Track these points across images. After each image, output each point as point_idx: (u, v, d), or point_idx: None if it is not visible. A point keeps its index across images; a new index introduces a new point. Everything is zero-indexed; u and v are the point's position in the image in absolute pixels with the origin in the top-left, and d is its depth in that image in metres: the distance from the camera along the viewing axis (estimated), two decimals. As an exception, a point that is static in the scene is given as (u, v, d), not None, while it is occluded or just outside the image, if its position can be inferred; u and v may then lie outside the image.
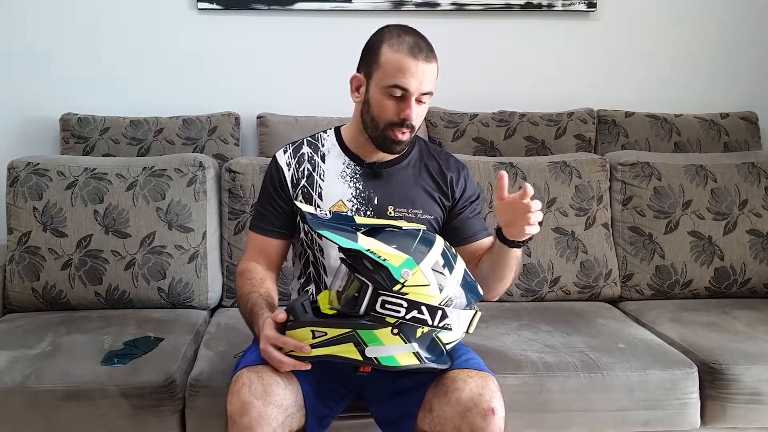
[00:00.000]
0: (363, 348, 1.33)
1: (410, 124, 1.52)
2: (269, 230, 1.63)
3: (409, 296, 1.31)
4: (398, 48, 1.49)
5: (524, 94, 2.66)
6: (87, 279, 2.12)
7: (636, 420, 1.79)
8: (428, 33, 1.57)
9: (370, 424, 1.60)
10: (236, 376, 1.39)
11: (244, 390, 1.35)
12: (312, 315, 1.38)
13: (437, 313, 1.32)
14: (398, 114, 1.50)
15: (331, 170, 1.62)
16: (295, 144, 1.67)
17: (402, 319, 1.31)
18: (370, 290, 1.31)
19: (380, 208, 1.59)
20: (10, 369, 1.71)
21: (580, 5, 2.65)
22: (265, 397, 1.34)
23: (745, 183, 2.34)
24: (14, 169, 2.19)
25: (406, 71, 1.48)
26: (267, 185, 1.66)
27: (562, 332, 1.98)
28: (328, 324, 1.34)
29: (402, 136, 1.53)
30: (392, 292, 1.30)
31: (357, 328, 1.32)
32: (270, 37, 2.61)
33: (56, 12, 2.54)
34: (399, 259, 1.31)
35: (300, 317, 1.36)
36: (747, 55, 2.76)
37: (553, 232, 2.27)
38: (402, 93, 1.49)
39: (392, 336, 1.32)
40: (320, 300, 1.44)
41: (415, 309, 1.31)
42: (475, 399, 1.36)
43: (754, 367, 1.80)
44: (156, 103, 2.55)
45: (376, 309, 1.31)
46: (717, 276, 2.28)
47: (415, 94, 1.49)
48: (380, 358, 1.33)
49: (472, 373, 1.41)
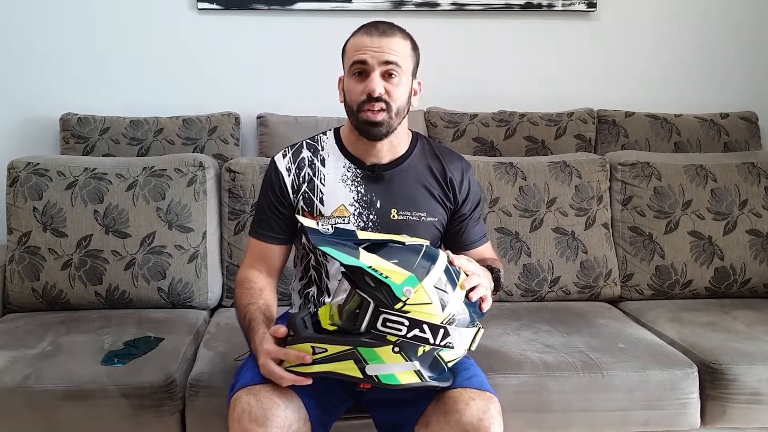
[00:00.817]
0: (363, 366, 1.31)
1: (382, 98, 1.49)
2: (269, 236, 1.62)
3: (410, 314, 1.28)
4: (356, 33, 1.54)
5: (524, 94, 2.67)
6: (87, 279, 2.12)
7: (636, 420, 1.79)
8: (428, 33, 1.57)
9: (369, 425, 1.60)
10: (235, 400, 1.37)
11: (245, 417, 1.33)
12: (312, 330, 1.36)
13: (439, 332, 1.30)
14: (363, 91, 1.49)
15: (331, 174, 1.60)
16: (294, 147, 1.65)
17: (403, 337, 1.29)
18: (372, 307, 1.29)
19: (383, 212, 1.58)
20: (10, 369, 1.71)
21: (580, 5, 2.65)
22: (266, 422, 1.33)
23: (745, 183, 2.34)
24: (14, 169, 2.19)
25: (361, 47, 1.50)
26: (266, 191, 1.64)
27: (562, 332, 1.97)
28: (329, 340, 1.32)
29: (375, 115, 1.50)
30: (394, 310, 1.28)
31: (358, 345, 1.30)
32: (270, 37, 2.61)
33: (56, 12, 2.54)
34: (401, 277, 1.29)
35: (300, 332, 1.35)
36: (747, 55, 2.76)
37: (553, 232, 2.27)
38: (362, 68, 1.49)
39: (393, 354, 1.30)
40: (321, 315, 1.41)
41: (416, 327, 1.29)
42: (475, 424, 1.35)
43: (754, 367, 1.80)
44: (156, 103, 2.55)
45: (377, 327, 1.29)
46: (717, 276, 2.28)
47: (375, 66, 1.48)
48: (381, 376, 1.32)
49: (475, 394, 1.39)
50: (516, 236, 2.26)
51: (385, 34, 1.50)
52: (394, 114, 1.52)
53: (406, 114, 1.57)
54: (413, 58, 1.55)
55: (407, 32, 1.56)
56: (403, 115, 1.55)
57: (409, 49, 1.53)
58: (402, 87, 1.52)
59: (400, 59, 1.50)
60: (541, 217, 2.27)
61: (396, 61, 1.49)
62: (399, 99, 1.52)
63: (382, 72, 1.49)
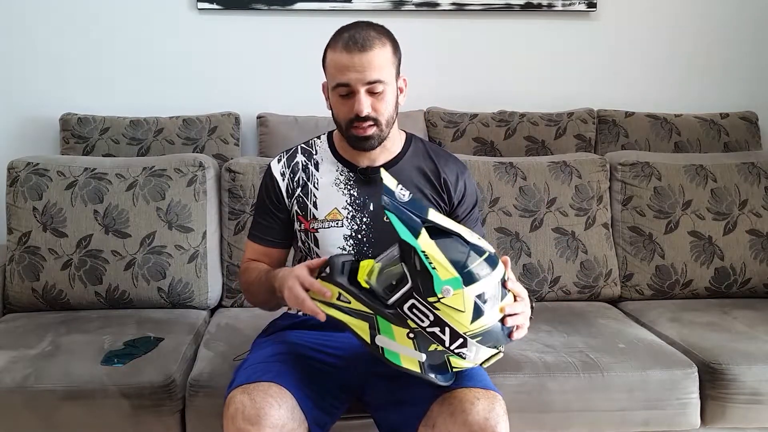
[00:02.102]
0: (375, 333, 1.30)
1: (371, 116, 1.48)
2: (267, 240, 1.64)
3: (439, 312, 1.26)
4: (334, 47, 1.49)
5: (524, 94, 2.66)
6: (87, 279, 2.12)
7: (636, 420, 1.79)
8: (428, 33, 1.57)
9: (369, 425, 1.60)
10: (229, 399, 1.37)
11: (238, 417, 1.33)
12: (346, 278, 1.34)
13: (458, 340, 1.28)
14: (351, 111, 1.48)
15: (324, 178, 1.61)
16: (289, 152, 1.66)
17: (423, 329, 1.27)
18: (407, 287, 1.27)
19: (376, 214, 1.57)
20: (10, 369, 1.71)
21: (580, 5, 2.65)
22: (259, 421, 1.32)
23: (745, 183, 2.34)
24: (14, 169, 2.19)
25: (342, 67, 1.46)
26: (263, 196, 1.65)
27: (562, 332, 1.97)
28: (356, 295, 1.31)
29: (365, 131, 1.49)
30: (426, 301, 1.26)
31: (378, 314, 1.29)
32: (270, 37, 2.61)
33: (56, 12, 2.54)
34: (448, 274, 1.25)
35: (335, 275, 1.33)
36: (747, 55, 2.76)
37: (553, 232, 2.27)
38: (346, 90, 1.48)
39: (407, 339, 1.29)
40: (361, 267, 1.37)
41: (438, 326, 1.27)
42: (482, 423, 1.34)
43: (754, 367, 1.80)
44: (156, 103, 2.55)
45: (404, 308, 1.27)
46: (717, 276, 2.28)
47: (359, 86, 1.46)
48: (386, 351, 1.31)
49: (480, 393, 1.39)
50: (516, 236, 2.26)
51: (364, 49, 1.45)
52: (384, 126, 1.52)
53: (395, 119, 1.56)
54: (395, 63, 1.52)
55: (385, 32, 1.51)
56: (393, 121, 1.55)
57: (390, 55, 1.50)
58: (388, 98, 1.50)
59: (384, 74, 1.48)
60: (541, 217, 2.27)
61: (379, 79, 1.47)
62: (386, 111, 1.51)
63: (366, 90, 1.47)
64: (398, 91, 1.55)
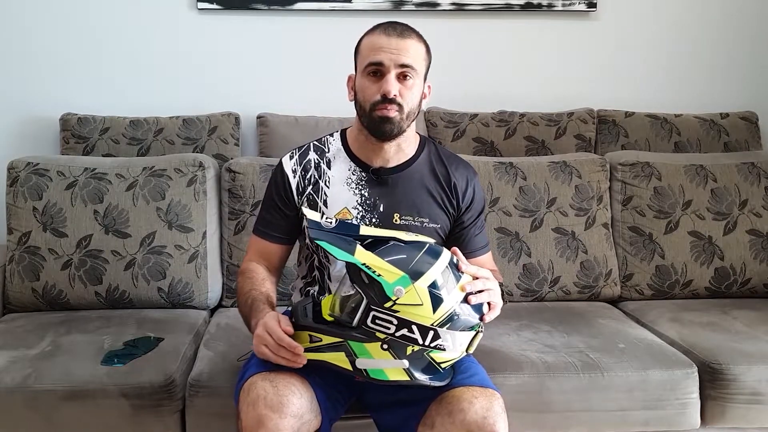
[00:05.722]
0: (353, 359, 1.33)
1: (396, 101, 1.49)
2: (272, 236, 1.64)
3: (400, 314, 1.29)
4: (372, 32, 1.53)
5: (524, 94, 2.66)
6: (87, 279, 2.12)
7: (636, 420, 1.79)
8: (428, 33, 1.57)
9: (368, 425, 1.60)
10: (249, 385, 1.36)
11: (260, 403, 1.32)
12: (311, 319, 1.38)
13: (428, 334, 1.30)
14: (378, 91, 1.49)
15: (336, 177, 1.61)
16: (302, 149, 1.65)
17: (392, 336, 1.30)
18: (364, 304, 1.30)
19: (386, 216, 1.58)
20: (10, 369, 1.71)
21: (580, 5, 2.65)
22: (281, 408, 1.32)
23: (745, 183, 2.34)
24: (14, 169, 2.19)
25: (378, 48, 1.49)
26: (272, 191, 1.65)
27: (562, 332, 1.97)
28: (324, 331, 1.34)
29: (389, 112, 1.50)
30: (383, 308, 1.29)
31: (348, 339, 1.32)
32: (270, 37, 2.61)
33: (56, 12, 2.54)
34: (394, 276, 1.29)
35: (300, 320, 1.37)
36: (747, 55, 2.76)
37: (553, 232, 2.27)
38: (378, 69, 1.49)
39: (382, 351, 1.31)
40: (323, 305, 1.43)
41: (405, 327, 1.30)
42: (480, 422, 1.35)
43: (754, 367, 1.80)
44: (156, 103, 2.55)
45: (368, 323, 1.30)
46: (717, 276, 2.28)
47: (391, 68, 1.48)
48: (369, 371, 1.33)
49: (477, 392, 1.39)
50: (516, 236, 2.26)
51: (402, 36, 1.50)
52: (405, 116, 1.52)
53: (416, 117, 1.57)
54: (426, 62, 1.56)
55: (422, 36, 1.56)
56: (413, 117, 1.56)
57: (423, 52, 1.54)
58: (415, 90, 1.53)
59: (416, 62, 1.51)
60: (541, 217, 2.27)
61: (412, 64, 1.50)
62: (411, 102, 1.52)
63: (397, 74, 1.49)
64: (423, 93, 1.57)
